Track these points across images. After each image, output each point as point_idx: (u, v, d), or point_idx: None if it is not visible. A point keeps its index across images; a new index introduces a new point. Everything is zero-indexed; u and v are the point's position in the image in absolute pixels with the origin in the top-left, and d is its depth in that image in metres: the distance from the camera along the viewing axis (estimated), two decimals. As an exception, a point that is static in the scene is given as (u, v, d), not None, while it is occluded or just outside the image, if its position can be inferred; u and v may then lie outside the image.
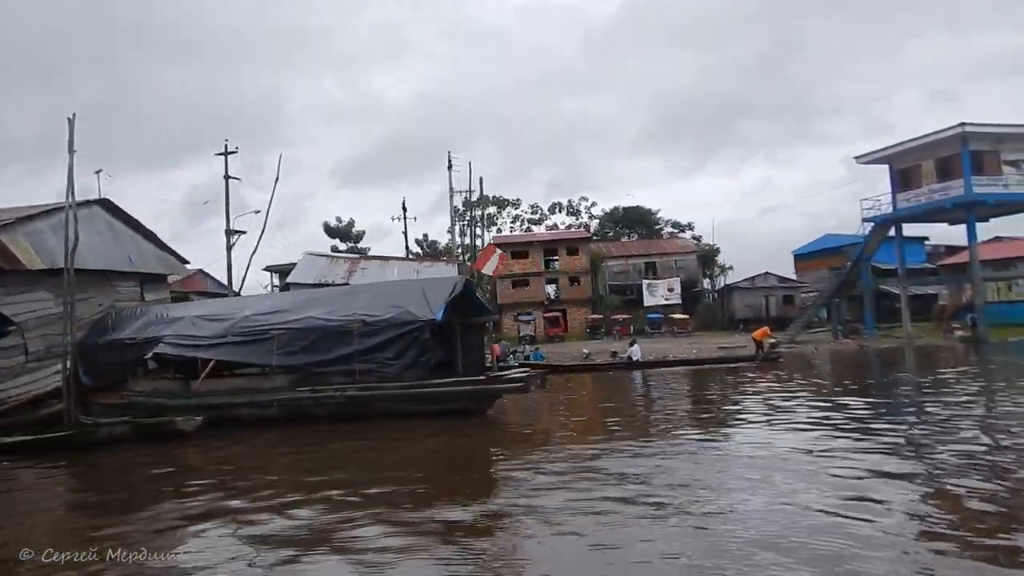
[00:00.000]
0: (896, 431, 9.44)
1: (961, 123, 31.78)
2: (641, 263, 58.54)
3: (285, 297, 14.76)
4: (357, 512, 6.28)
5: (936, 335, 37.89)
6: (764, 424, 10.67)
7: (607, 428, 10.91)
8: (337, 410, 12.04)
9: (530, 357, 33.16)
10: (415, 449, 9.75)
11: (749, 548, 4.82)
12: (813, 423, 10.32)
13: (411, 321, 11.71)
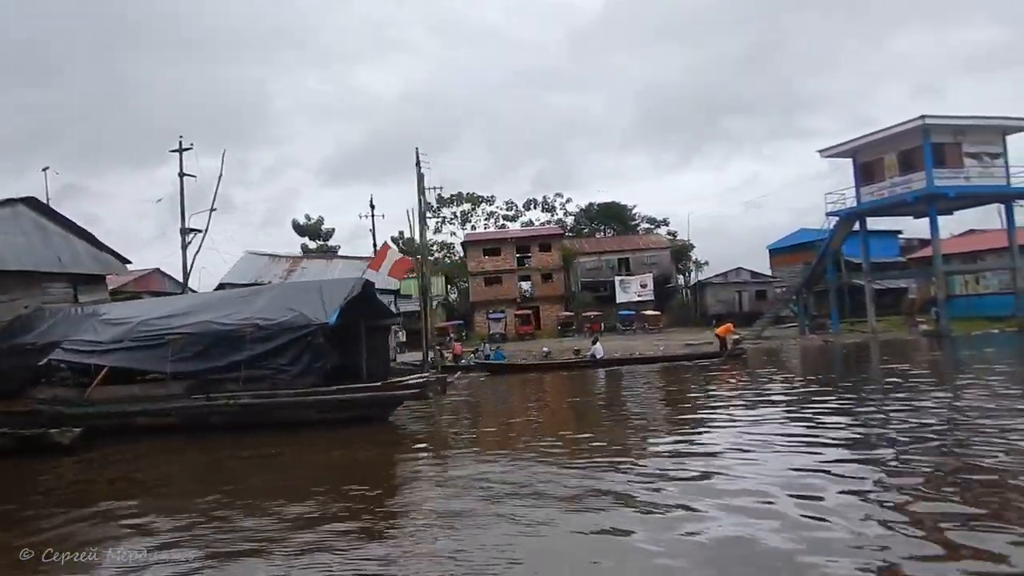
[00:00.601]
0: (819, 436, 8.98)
1: (922, 115, 31.46)
2: (614, 259, 58.11)
3: (183, 300, 14.20)
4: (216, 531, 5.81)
5: (903, 329, 37.70)
6: (687, 427, 10.24)
7: (514, 436, 10.40)
8: (233, 418, 11.49)
9: (491, 356, 32.73)
10: (291, 462, 9.23)
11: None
12: (734, 424, 9.87)
13: (305, 325, 11.17)
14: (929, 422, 9.26)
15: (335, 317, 11.13)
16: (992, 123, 32.74)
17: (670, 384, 19.09)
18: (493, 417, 13.46)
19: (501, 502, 6.19)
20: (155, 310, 13.44)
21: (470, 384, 23.19)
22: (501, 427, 11.62)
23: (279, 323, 11.32)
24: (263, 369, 11.32)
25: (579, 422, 11.85)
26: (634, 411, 13.06)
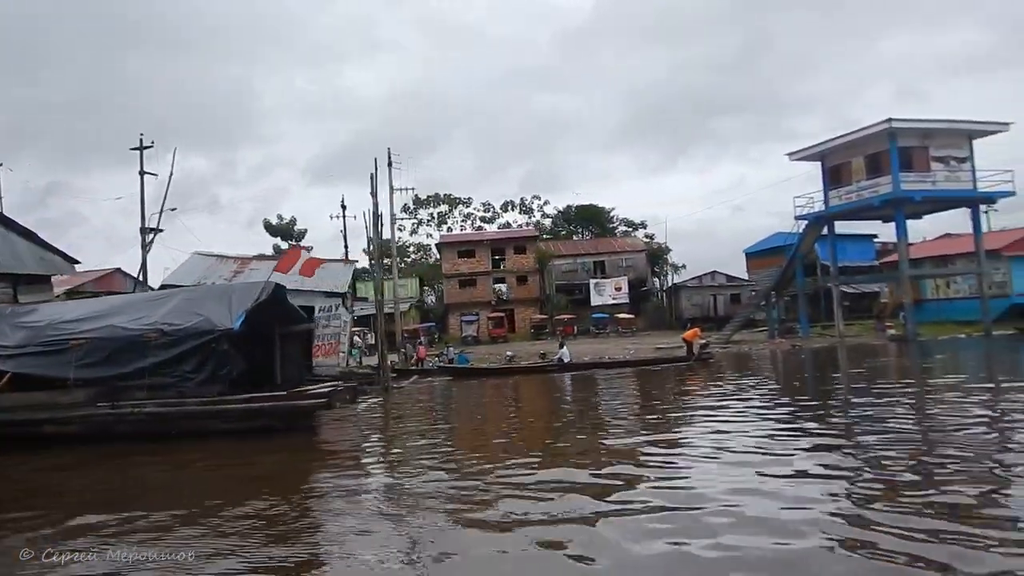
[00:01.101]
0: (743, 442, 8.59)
1: (888, 119, 31.29)
2: (590, 262, 57.81)
3: (99, 303, 13.60)
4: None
5: (872, 334, 37.54)
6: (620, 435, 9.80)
7: (439, 449, 9.91)
8: (140, 427, 10.96)
9: (455, 360, 32.28)
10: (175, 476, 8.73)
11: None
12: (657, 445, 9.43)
13: (209, 331, 10.66)
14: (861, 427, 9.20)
15: (239, 322, 10.62)
16: (959, 127, 32.63)
17: (628, 389, 18.73)
18: (427, 425, 12.95)
19: (402, 520, 5.83)
20: (69, 313, 12.87)
21: (428, 388, 22.71)
22: (430, 435, 11.15)
23: (184, 328, 10.81)
24: (168, 376, 10.81)
25: (514, 430, 11.41)
26: (577, 416, 12.61)
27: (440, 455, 8.91)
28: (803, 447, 8.25)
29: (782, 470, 6.92)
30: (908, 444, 8.24)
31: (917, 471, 6.78)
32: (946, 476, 6.44)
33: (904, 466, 6.99)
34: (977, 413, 10.15)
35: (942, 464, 6.95)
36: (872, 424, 9.67)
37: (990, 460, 7.13)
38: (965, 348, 28.88)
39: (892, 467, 6.93)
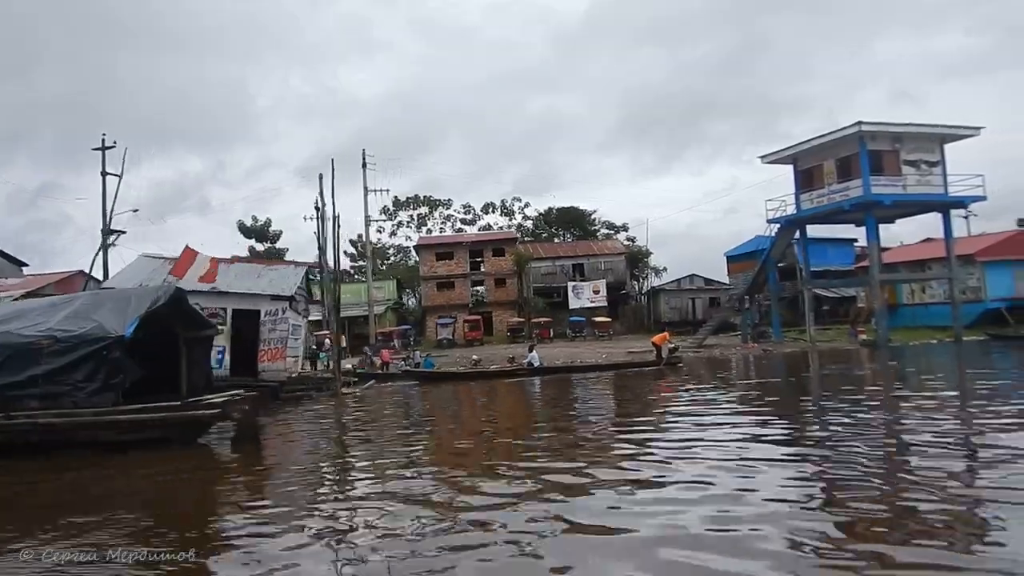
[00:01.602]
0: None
1: (858, 121, 30.99)
2: (569, 265, 57.36)
3: (7, 307, 13.03)
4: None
5: (844, 339, 37.21)
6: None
7: (339, 467, 9.43)
8: (34, 439, 10.43)
9: (420, 365, 31.75)
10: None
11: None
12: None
13: (101, 338, 10.13)
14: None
15: (132, 329, 10.11)
16: (930, 131, 32.37)
17: (591, 397, 18.24)
18: (357, 436, 12.40)
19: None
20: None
21: (386, 393, 22.17)
22: (349, 453, 10.64)
23: (77, 335, 10.27)
24: (61, 385, 10.29)
25: (457, 448, 10.90)
26: (526, 429, 12.07)
27: (334, 485, 8.38)
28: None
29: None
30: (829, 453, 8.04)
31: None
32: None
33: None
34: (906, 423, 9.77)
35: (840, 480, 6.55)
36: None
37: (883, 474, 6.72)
38: (933, 354, 28.56)
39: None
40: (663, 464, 7.61)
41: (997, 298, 39.40)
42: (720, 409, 12.96)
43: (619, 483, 6.80)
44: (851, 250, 54.09)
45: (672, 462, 7.68)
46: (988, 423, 9.40)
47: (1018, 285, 39.39)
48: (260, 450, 10.51)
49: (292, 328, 21.18)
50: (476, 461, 8.62)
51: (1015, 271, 39.39)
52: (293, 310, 21.04)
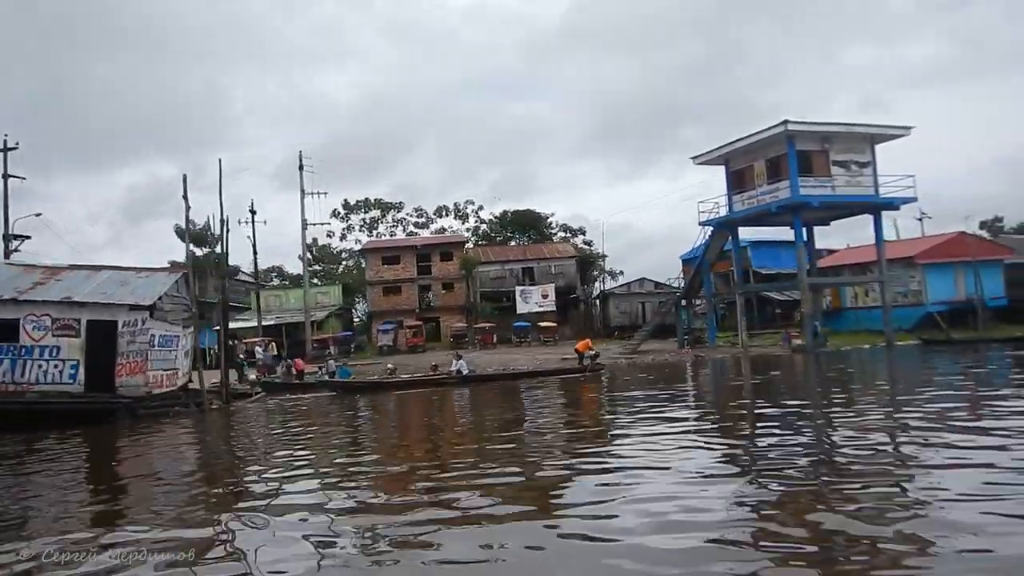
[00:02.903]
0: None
1: (784, 120, 30.11)
2: (518, 269, 56.24)
3: None
4: None
5: (778, 344, 36.36)
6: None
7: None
8: None
9: (336, 374, 30.51)
10: None
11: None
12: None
13: None
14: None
15: None
16: (860, 131, 31.60)
17: (487, 407, 17.37)
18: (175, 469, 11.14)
19: None
20: None
21: (266, 409, 20.88)
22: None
23: None
24: None
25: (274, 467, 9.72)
26: (400, 450, 10.88)
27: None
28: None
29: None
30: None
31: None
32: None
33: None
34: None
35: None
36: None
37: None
38: (858, 359, 27.85)
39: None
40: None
41: (938, 301, 38.72)
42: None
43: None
44: (813, 252, 53.48)
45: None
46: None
47: (959, 288, 38.73)
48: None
49: (160, 339, 19.88)
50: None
51: (956, 274, 38.72)
52: (160, 320, 19.74)
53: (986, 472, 6.32)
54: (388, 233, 64.77)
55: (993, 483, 5.86)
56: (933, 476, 6.44)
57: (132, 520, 6.71)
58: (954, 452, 7.36)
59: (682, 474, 7.10)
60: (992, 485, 5.80)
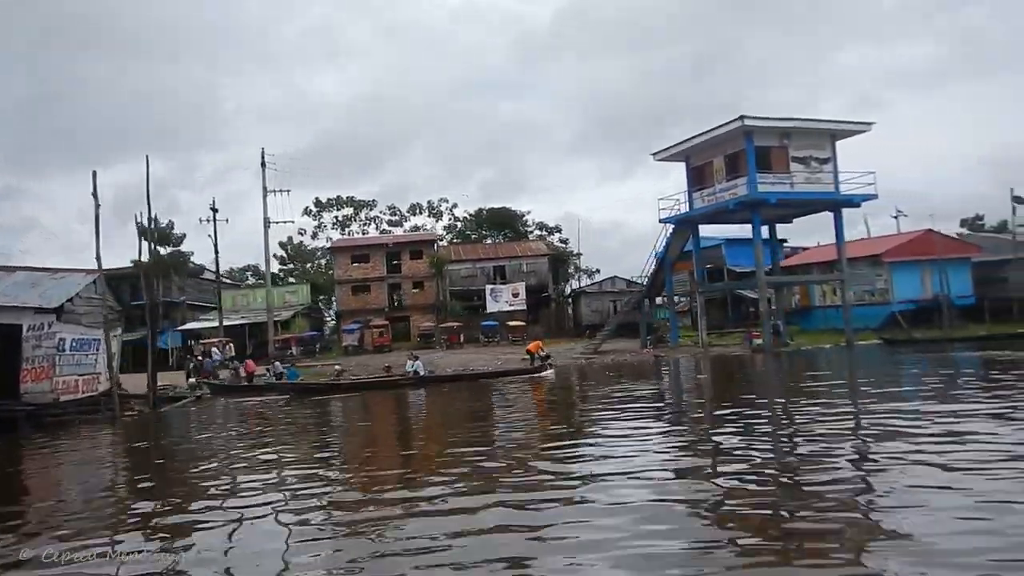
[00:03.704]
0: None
1: (740, 116, 29.41)
2: (490, 267, 55.43)
3: None
4: None
5: (740, 343, 35.73)
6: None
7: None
8: None
9: (284, 376, 29.76)
10: None
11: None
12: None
13: None
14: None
15: None
16: (819, 126, 30.93)
17: (441, 410, 16.90)
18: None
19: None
20: None
21: (197, 414, 20.11)
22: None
23: None
24: None
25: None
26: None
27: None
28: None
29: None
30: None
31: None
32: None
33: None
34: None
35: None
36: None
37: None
38: (816, 359, 27.27)
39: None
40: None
41: (905, 300, 38.17)
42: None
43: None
44: (778, 251, 52.88)
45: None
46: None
47: (926, 287, 38.17)
48: None
49: (73, 343, 19.09)
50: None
51: (923, 272, 38.16)
52: (72, 323, 18.94)
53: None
54: (361, 231, 63.91)
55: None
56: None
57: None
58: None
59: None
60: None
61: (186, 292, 49.06)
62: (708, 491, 6.45)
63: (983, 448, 7.41)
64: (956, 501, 5.49)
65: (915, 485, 5.97)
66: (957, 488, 5.86)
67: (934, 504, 5.44)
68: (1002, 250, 39.45)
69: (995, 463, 6.66)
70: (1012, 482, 5.96)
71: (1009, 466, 6.50)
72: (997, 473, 6.29)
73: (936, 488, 5.89)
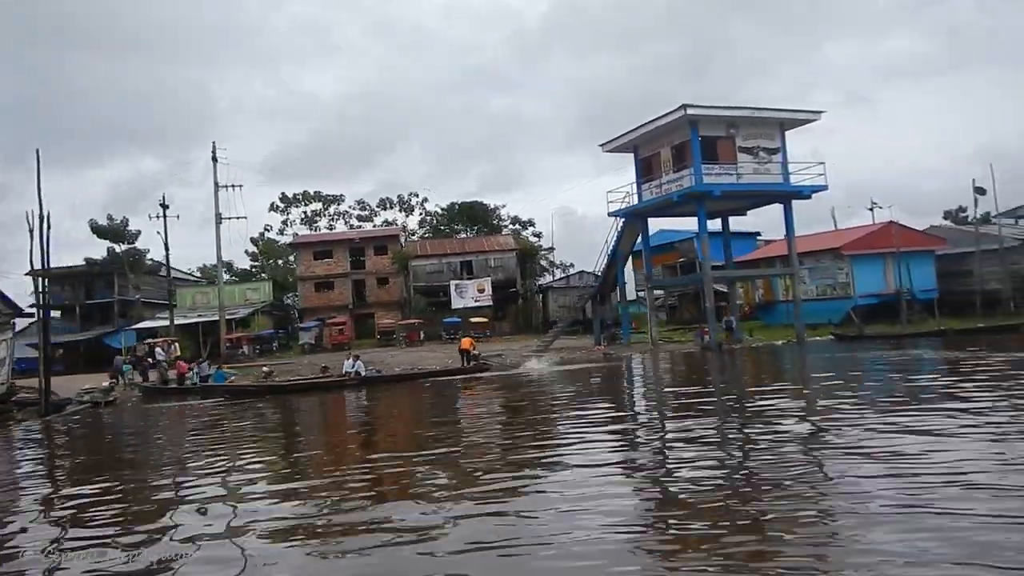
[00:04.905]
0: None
1: (683, 105, 28.28)
2: (456, 262, 54.39)
3: None
4: None
5: (691, 340, 34.73)
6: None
7: None
8: None
9: (211, 378, 28.73)
10: None
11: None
12: None
13: None
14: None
15: None
16: (767, 115, 29.80)
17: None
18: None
19: None
20: None
21: (108, 419, 19.15)
22: None
23: None
24: None
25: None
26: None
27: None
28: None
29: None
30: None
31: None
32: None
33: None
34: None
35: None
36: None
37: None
38: (759, 356, 26.33)
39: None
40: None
41: (866, 294, 37.13)
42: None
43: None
44: (753, 244, 51.84)
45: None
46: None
47: (889, 280, 37.11)
48: None
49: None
50: None
51: (886, 265, 37.10)
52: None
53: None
54: (329, 227, 62.83)
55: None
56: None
57: None
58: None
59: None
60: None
61: (141, 290, 47.95)
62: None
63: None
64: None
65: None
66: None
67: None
68: (969, 243, 38.36)
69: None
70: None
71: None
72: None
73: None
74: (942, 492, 5.87)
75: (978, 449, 7.45)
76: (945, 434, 8.29)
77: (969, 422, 8.89)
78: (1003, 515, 5.21)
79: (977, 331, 28.30)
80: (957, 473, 6.44)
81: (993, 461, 6.88)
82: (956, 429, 8.51)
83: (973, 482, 6.14)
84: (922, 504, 5.58)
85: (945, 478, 6.31)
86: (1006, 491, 5.79)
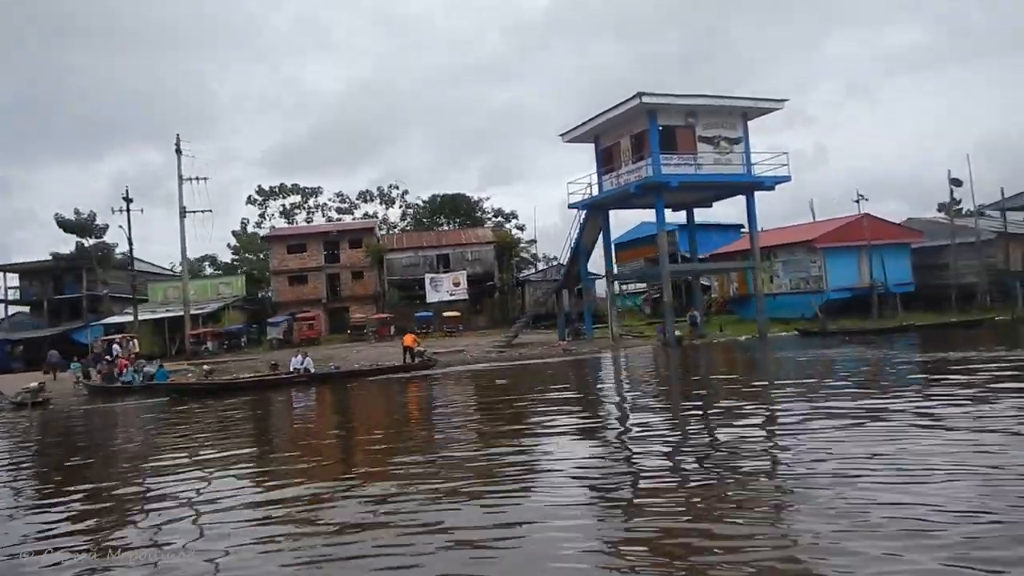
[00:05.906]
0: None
1: (638, 93, 27.25)
2: (433, 256, 53.45)
3: None
4: None
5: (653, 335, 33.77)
6: None
7: None
8: None
9: (155, 377, 27.95)
10: None
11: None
12: None
13: None
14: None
15: None
16: (728, 104, 28.77)
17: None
18: None
19: None
20: None
21: (32, 422, 18.36)
22: None
23: None
24: None
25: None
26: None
27: None
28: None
29: None
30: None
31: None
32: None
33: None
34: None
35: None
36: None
37: None
38: (719, 352, 25.40)
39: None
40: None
41: (840, 287, 36.12)
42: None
43: None
44: (738, 235, 50.83)
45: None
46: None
47: (863, 273, 36.05)
48: None
49: None
50: None
51: (860, 259, 36.04)
52: None
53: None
54: (307, 220, 61.99)
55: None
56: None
57: None
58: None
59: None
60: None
61: (110, 285, 47.24)
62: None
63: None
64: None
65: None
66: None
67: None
68: (947, 236, 37.29)
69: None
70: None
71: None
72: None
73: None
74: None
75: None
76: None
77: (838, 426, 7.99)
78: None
79: (942, 327, 27.29)
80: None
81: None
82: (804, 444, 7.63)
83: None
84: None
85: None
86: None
